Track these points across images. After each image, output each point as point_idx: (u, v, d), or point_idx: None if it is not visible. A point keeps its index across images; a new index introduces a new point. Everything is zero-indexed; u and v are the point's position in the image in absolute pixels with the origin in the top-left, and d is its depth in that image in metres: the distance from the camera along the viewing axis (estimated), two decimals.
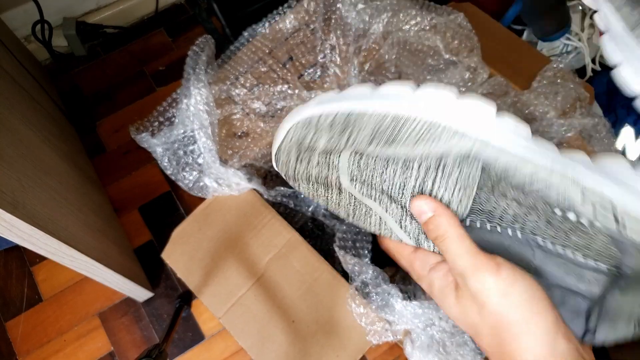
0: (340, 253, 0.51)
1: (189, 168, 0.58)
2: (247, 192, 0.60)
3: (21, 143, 0.63)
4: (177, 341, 0.86)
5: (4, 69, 0.78)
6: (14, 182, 0.53)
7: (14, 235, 0.51)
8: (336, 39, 0.61)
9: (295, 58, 0.64)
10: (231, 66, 0.64)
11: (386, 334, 0.49)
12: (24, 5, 1.00)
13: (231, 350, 0.85)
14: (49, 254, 0.58)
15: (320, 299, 0.53)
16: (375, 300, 0.49)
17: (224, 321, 0.55)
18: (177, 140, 0.58)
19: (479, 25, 0.65)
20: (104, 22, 1.12)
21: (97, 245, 0.69)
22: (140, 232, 0.95)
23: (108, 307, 0.89)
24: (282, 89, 0.62)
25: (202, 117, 0.56)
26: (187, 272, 0.57)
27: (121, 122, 1.06)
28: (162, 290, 0.90)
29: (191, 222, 0.60)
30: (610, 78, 0.94)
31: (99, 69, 1.12)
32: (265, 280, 0.56)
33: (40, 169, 0.64)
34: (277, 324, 0.54)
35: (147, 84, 1.10)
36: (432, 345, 0.48)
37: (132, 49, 1.15)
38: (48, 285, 0.91)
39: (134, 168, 1.01)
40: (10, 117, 0.65)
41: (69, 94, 1.10)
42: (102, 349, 0.86)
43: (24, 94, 0.81)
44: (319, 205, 0.60)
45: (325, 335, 0.52)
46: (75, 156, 0.91)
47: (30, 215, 0.52)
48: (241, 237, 0.58)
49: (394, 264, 0.48)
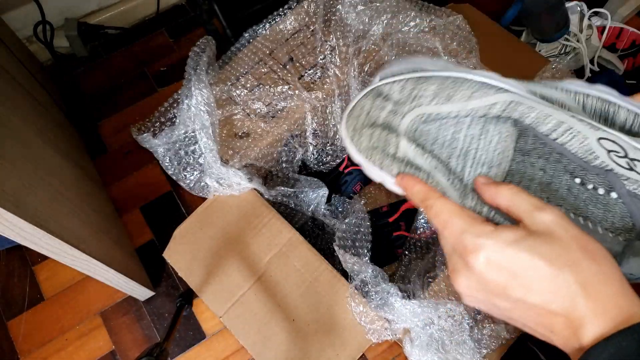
0: (340, 252, 0.52)
1: (190, 168, 0.59)
2: (248, 192, 0.60)
3: (23, 143, 0.63)
4: (178, 340, 0.86)
5: (6, 69, 0.78)
6: (16, 181, 0.53)
7: (16, 234, 0.51)
8: (336, 40, 0.62)
9: (295, 59, 0.64)
10: (232, 67, 0.65)
11: (385, 333, 0.49)
12: (25, 6, 1.00)
13: (232, 348, 0.85)
14: (51, 254, 0.58)
15: (321, 298, 0.54)
16: (375, 299, 0.49)
17: (225, 320, 0.55)
18: (179, 141, 0.58)
19: (477, 27, 0.65)
20: (105, 23, 1.13)
21: (98, 244, 0.70)
22: (141, 231, 0.96)
23: (109, 306, 0.89)
24: (282, 90, 0.63)
25: (203, 117, 0.56)
26: (188, 271, 0.58)
27: (123, 122, 1.06)
28: (163, 289, 0.90)
29: (192, 221, 0.60)
30: (609, 79, 0.94)
31: (101, 69, 1.13)
32: (265, 279, 0.56)
33: (41, 168, 0.64)
34: (278, 322, 0.54)
35: (148, 85, 1.11)
36: (431, 343, 0.48)
37: (134, 49, 1.15)
38: (50, 284, 0.91)
39: (135, 168, 1.01)
40: (11, 117, 0.65)
41: (70, 94, 1.10)
42: (103, 347, 0.86)
43: (26, 94, 0.82)
44: (319, 205, 0.61)
45: (325, 333, 0.53)
46: (77, 156, 0.91)
47: (32, 214, 0.52)
48: (242, 237, 0.58)
49: (394, 260, 0.47)
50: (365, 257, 0.51)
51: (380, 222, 0.71)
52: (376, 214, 0.73)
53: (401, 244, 0.69)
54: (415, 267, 0.62)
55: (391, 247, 0.70)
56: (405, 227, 0.70)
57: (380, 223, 0.71)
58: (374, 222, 0.70)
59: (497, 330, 0.51)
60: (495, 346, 0.51)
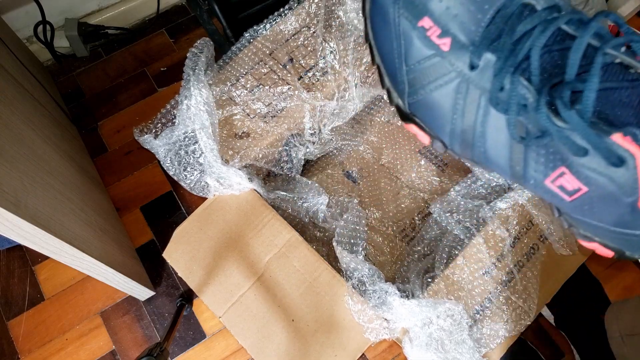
0: (338, 249, 0.52)
1: (190, 168, 0.59)
2: (248, 192, 0.60)
3: (23, 143, 0.63)
4: (178, 340, 0.86)
5: (6, 69, 0.78)
6: (16, 181, 0.53)
7: (16, 234, 0.51)
8: (336, 44, 0.62)
9: (295, 60, 0.64)
10: (232, 67, 0.65)
11: (384, 332, 0.49)
12: (26, 6, 1.00)
13: (232, 348, 0.85)
14: (51, 253, 0.58)
15: (320, 298, 0.54)
16: (373, 298, 0.49)
17: (225, 320, 0.55)
18: (179, 141, 0.58)
19: None
20: (105, 23, 1.13)
21: (99, 244, 0.70)
22: (141, 231, 0.96)
23: (110, 306, 0.89)
24: (282, 90, 0.63)
25: (203, 117, 0.56)
26: (188, 271, 0.58)
27: (123, 122, 1.07)
28: (163, 289, 0.90)
29: (192, 221, 0.61)
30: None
31: (101, 69, 1.13)
32: (265, 279, 0.56)
33: (42, 168, 0.64)
34: (277, 322, 0.54)
35: (148, 85, 1.11)
36: (430, 343, 0.48)
37: (134, 50, 1.16)
38: (50, 284, 0.91)
39: (135, 168, 1.01)
40: (12, 117, 0.65)
41: (70, 94, 1.10)
42: (103, 347, 0.87)
43: (26, 94, 0.82)
44: (318, 211, 0.61)
45: (325, 333, 0.53)
46: (77, 156, 0.91)
47: (32, 214, 0.52)
48: (242, 237, 0.58)
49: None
50: (360, 255, 0.51)
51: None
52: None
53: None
54: (414, 267, 0.63)
55: None
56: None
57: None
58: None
59: (496, 329, 0.51)
60: (494, 345, 0.51)
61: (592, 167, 0.28)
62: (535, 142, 0.29)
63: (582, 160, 0.28)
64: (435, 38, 0.30)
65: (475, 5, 0.29)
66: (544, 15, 0.28)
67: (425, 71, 0.32)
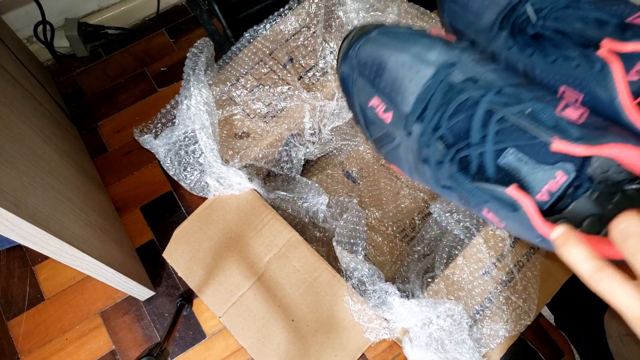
0: (338, 249, 0.52)
1: (190, 168, 0.59)
2: (248, 192, 0.60)
3: (23, 143, 0.63)
4: (178, 340, 0.86)
5: (6, 69, 0.78)
6: (16, 181, 0.53)
7: (16, 234, 0.51)
8: (336, 44, 0.62)
9: (295, 60, 0.64)
10: (232, 67, 0.65)
11: (383, 332, 0.49)
12: (26, 6, 1.00)
13: (232, 348, 0.85)
14: (51, 253, 0.58)
15: (320, 298, 0.54)
16: (372, 298, 0.49)
17: (224, 320, 0.55)
18: (179, 141, 0.58)
19: None
20: (105, 23, 1.13)
21: (99, 244, 0.70)
22: (141, 231, 0.96)
23: (110, 306, 0.89)
24: (282, 90, 0.63)
25: (203, 117, 0.56)
26: (187, 271, 0.58)
27: (123, 122, 1.07)
28: (163, 289, 0.90)
29: (192, 221, 0.61)
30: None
31: (101, 69, 1.13)
32: (265, 279, 0.56)
33: (42, 168, 0.64)
34: (277, 322, 0.54)
35: (148, 85, 1.11)
36: (430, 343, 0.48)
37: (134, 50, 1.16)
38: (50, 284, 0.91)
39: (135, 168, 1.01)
40: (12, 117, 0.65)
41: (70, 94, 1.10)
42: (103, 347, 0.87)
43: (26, 94, 0.82)
44: (318, 211, 0.61)
45: (325, 334, 0.53)
46: (77, 156, 0.91)
47: (32, 214, 0.52)
48: (242, 237, 0.58)
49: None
50: (360, 255, 0.51)
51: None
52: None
53: None
54: (414, 267, 0.63)
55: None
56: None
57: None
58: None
59: (496, 329, 0.51)
60: (494, 345, 0.51)
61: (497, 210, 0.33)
62: (449, 192, 0.36)
63: (491, 205, 0.33)
64: (381, 113, 0.39)
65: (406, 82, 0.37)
66: (457, 87, 0.34)
67: (380, 138, 0.41)
